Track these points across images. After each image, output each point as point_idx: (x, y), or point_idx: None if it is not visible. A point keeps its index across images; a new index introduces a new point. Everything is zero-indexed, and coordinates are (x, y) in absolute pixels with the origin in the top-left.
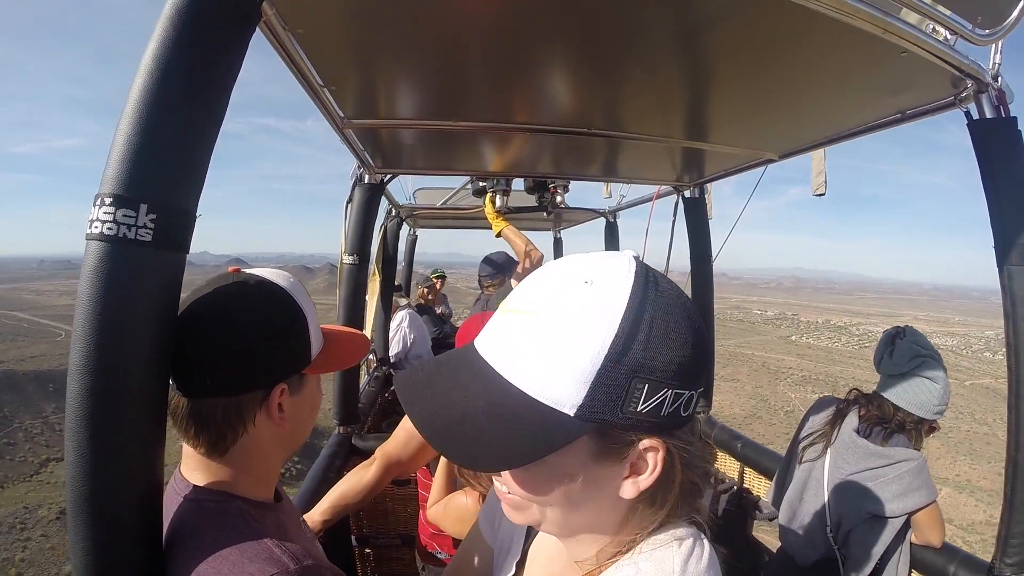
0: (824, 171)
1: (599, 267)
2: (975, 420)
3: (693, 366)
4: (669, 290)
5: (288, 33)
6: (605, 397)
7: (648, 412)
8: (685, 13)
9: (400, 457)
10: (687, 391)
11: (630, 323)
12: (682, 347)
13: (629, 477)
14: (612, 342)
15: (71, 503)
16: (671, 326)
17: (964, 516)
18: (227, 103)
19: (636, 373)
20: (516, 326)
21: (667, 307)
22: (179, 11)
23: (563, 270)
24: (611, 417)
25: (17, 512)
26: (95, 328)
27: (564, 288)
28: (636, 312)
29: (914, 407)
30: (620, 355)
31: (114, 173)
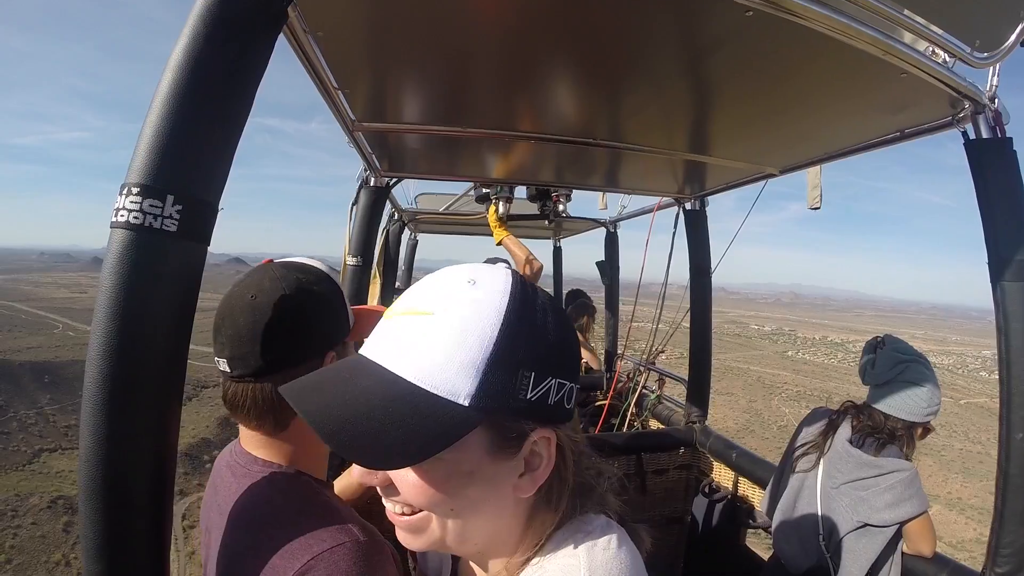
0: (819, 185)
1: (480, 271)
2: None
3: (571, 360)
4: (542, 293)
5: (308, 35)
6: (496, 385)
7: (536, 400)
8: (693, 31)
9: None
10: (568, 383)
11: (515, 315)
12: (562, 339)
13: (525, 474)
14: (499, 332)
15: (84, 486)
16: (550, 322)
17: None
18: (252, 100)
19: (523, 362)
20: (406, 326)
21: (545, 304)
22: (210, 8)
23: (446, 274)
24: (503, 405)
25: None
26: (117, 315)
27: (450, 288)
28: (519, 306)
29: (903, 412)
30: (507, 344)
31: (142, 164)
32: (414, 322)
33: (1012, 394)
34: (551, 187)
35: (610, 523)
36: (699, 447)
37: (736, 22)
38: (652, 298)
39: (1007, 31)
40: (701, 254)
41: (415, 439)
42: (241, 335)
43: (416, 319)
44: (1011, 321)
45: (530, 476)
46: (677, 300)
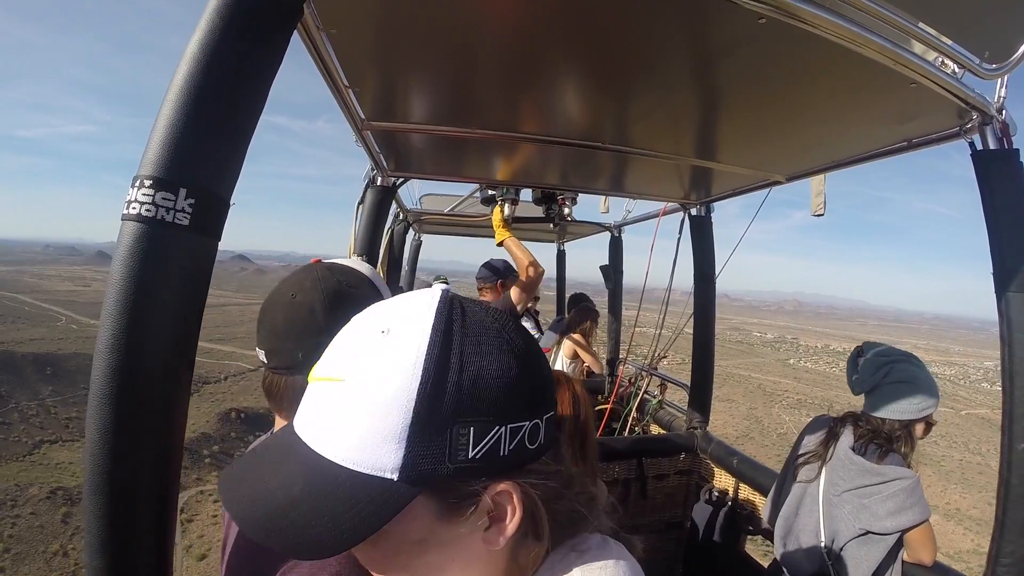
0: (823, 192)
1: (397, 312)
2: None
3: (525, 394)
4: (480, 319)
5: (322, 33)
6: (427, 452)
7: (483, 456)
8: (704, 37)
9: None
10: (526, 422)
11: (435, 367)
12: (504, 377)
13: (492, 527)
14: (419, 392)
15: (89, 480)
16: (486, 359)
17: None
18: (267, 95)
19: (456, 418)
20: (323, 396)
21: (479, 338)
22: (226, 2)
23: (361, 323)
24: (441, 471)
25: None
26: (126, 308)
27: (362, 345)
28: (440, 353)
29: (895, 413)
30: (431, 404)
31: (154, 156)
32: (329, 391)
33: (1015, 404)
34: (557, 190)
35: (606, 541)
36: (700, 453)
37: (748, 29)
38: (655, 303)
39: (1016, 43)
40: (705, 260)
41: (347, 525)
42: (278, 330)
43: (331, 387)
44: (1015, 332)
45: (497, 528)
46: (680, 306)
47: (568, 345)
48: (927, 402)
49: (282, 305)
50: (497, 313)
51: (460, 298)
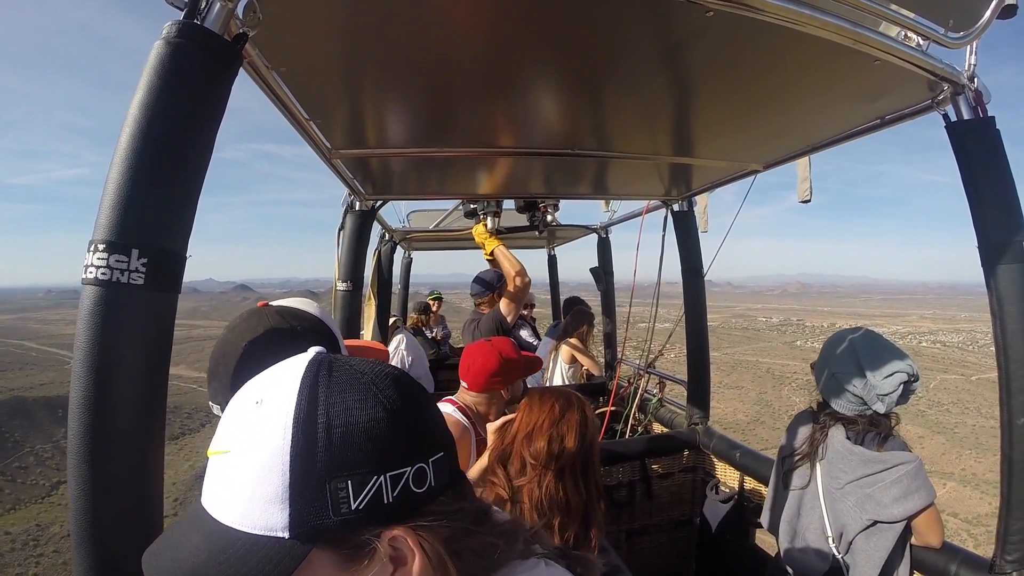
0: (809, 177)
1: (268, 382)
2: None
3: (401, 442)
4: (348, 377)
5: (272, 72)
6: (309, 509)
7: (367, 506)
8: (662, 34)
9: None
10: (407, 467)
11: (302, 429)
12: (375, 430)
13: (396, 572)
14: (291, 454)
15: (75, 535)
16: (354, 415)
17: (969, 510)
18: (213, 144)
19: (332, 474)
20: (217, 468)
21: (344, 397)
22: (162, 59)
23: (240, 396)
24: (328, 524)
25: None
26: (93, 368)
27: (241, 416)
28: (307, 416)
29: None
30: (304, 463)
31: (105, 220)
32: (220, 462)
33: (1011, 379)
34: (540, 198)
35: (538, 564)
36: (703, 448)
37: (698, 23)
38: (649, 300)
39: (981, 8)
40: (692, 255)
41: None
42: (230, 383)
43: (221, 459)
44: (1005, 304)
45: (401, 572)
46: (676, 299)
47: (566, 350)
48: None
49: (236, 356)
50: (370, 368)
51: (331, 358)
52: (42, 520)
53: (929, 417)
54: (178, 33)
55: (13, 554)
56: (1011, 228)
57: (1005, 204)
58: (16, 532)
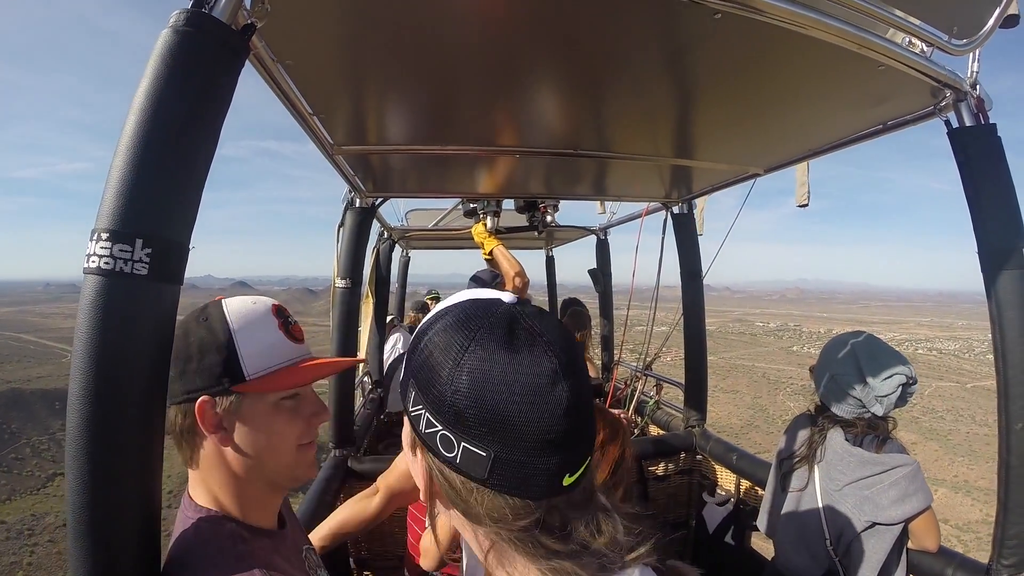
0: (807, 183)
1: (461, 293)
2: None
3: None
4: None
5: (277, 64)
6: (403, 385)
7: (414, 418)
8: (668, 36)
9: (402, 489)
10: (442, 429)
11: (420, 335)
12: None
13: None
14: (412, 342)
15: (71, 529)
16: (436, 354)
17: (960, 516)
18: (218, 136)
19: (410, 377)
20: None
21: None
22: (170, 48)
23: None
24: (404, 402)
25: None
26: (94, 359)
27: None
28: (427, 327)
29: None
30: (410, 355)
31: (109, 209)
32: None
33: (1009, 384)
34: (540, 198)
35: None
36: (699, 451)
37: (706, 25)
38: (647, 302)
39: (984, 16)
40: (691, 257)
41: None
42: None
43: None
44: (1005, 310)
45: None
46: (674, 302)
47: None
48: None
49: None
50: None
51: (487, 303)
52: (37, 511)
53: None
54: (186, 21)
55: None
56: (1011, 235)
57: (1005, 211)
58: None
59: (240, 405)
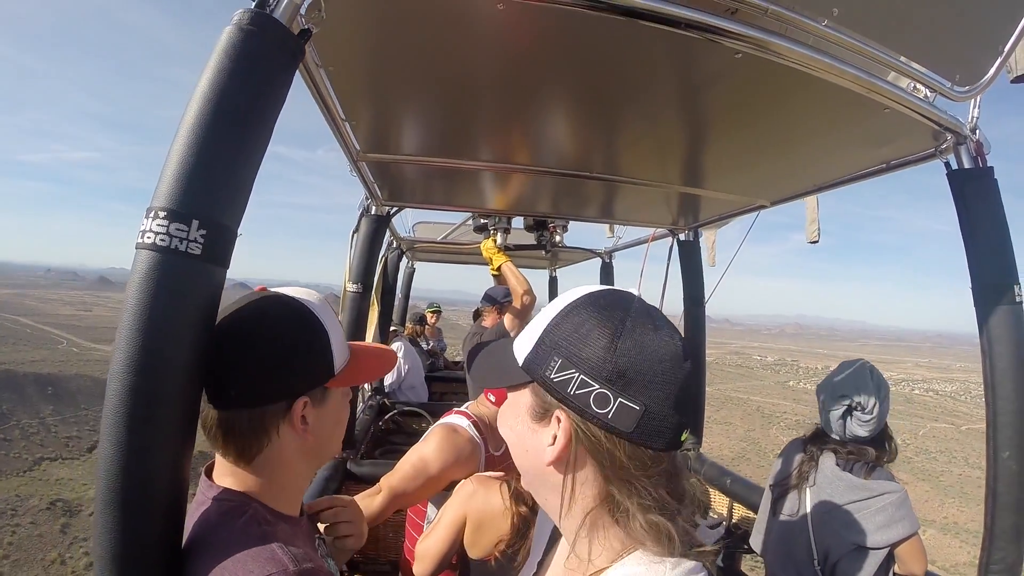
0: (817, 219)
1: (591, 286)
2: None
3: (601, 364)
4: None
5: (320, 70)
6: (537, 358)
7: (558, 383)
8: (688, 70)
9: (405, 490)
10: (600, 388)
11: (566, 312)
12: (595, 346)
13: (551, 445)
14: (552, 319)
15: (101, 496)
16: (591, 328)
17: (947, 558)
18: (272, 130)
19: (555, 349)
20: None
21: (597, 314)
22: (234, 44)
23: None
24: (536, 375)
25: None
26: (141, 331)
27: (562, 294)
28: (572, 308)
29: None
30: (552, 331)
31: (167, 189)
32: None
33: (998, 414)
34: (548, 218)
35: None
36: (693, 473)
37: (726, 63)
38: None
39: (986, 65)
40: (695, 284)
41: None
42: (212, 363)
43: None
44: (995, 344)
45: (550, 449)
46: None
47: None
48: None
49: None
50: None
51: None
52: (22, 492)
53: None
54: (250, 21)
55: None
56: (1003, 272)
57: (999, 250)
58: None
59: (325, 399)
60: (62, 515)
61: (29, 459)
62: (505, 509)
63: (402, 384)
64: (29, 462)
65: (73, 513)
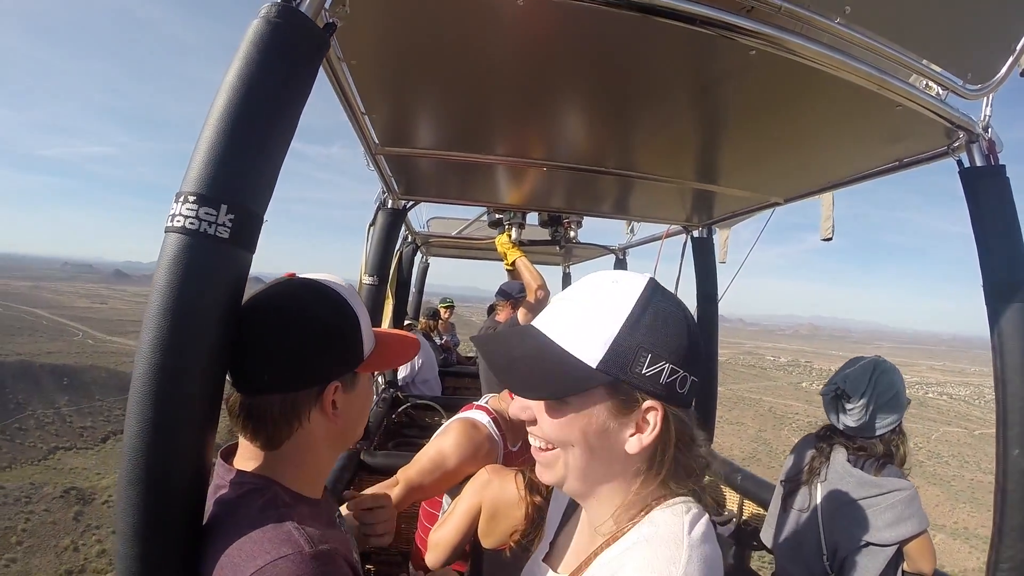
0: (831, 216)
1: (623, 275)
2: (980, 469)
3: (687, 352)
4: (673, 300)
5: (342, 63)
6: (618, 357)
7: (650, 377)
8: (703, 66)
9: (422, 483)
10: (682, 371)
11: (640, 308)
12: (678, 336)
13: (635, 434)
14: (627, 317)
15: (126, 473)
16: (670, 319)
17: (957, 563)
18: (298, 120)
19: (642, 344)
20: (563, 307)
21: (668, 307)
22: (262, 36)
23: (597, 277)
24: (621, 374)
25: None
26: (169, 311)
27: (599, 285)
28: (645, 303)
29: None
30: (632, 328)
31: (197, 174)
32: (569, 304)
33: (1008, 412)
34: (563, 213)
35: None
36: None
37: (741, 60)
38: None
39: (998, 63)
40: (708, 281)
41: (551, 382)
42: (243, 348)
43: (570, 303)
44: (1006, 341)
45: (638, 437)
46: None
47: None
48: (904, 394)
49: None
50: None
51: (662, 286)
52: (36, 480)
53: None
54: (277, 14)
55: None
56: (1015, 269)
57: (1010, 247)
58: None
59: (355, 383)
60: (76, 503)
61: (44, 448)
62: (520, 499)
63: (415, 378)
64: (44, 451)
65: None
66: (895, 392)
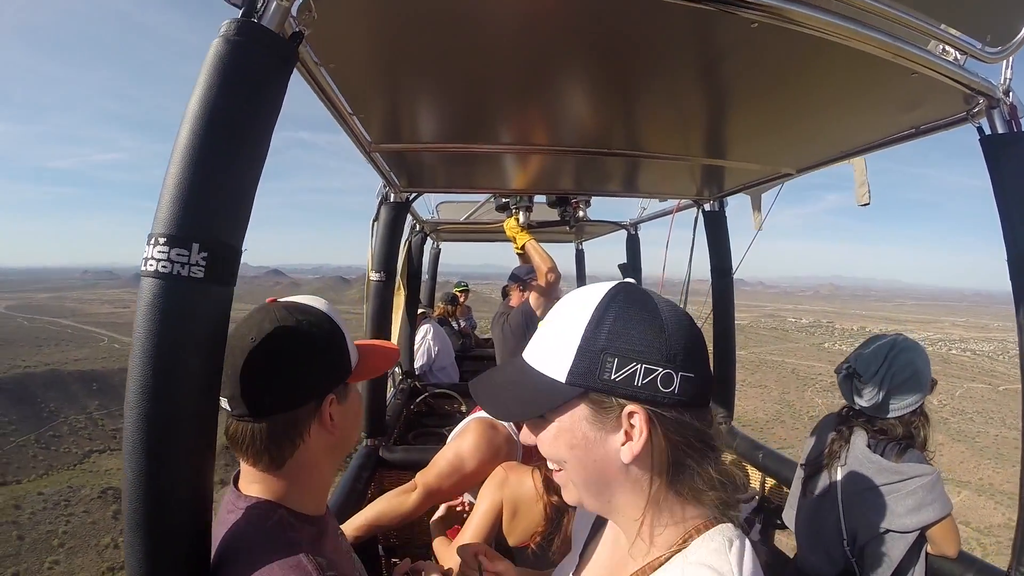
0: (867, 181)
1: (590, 288)
2: (1005, 425)
3: (663, 349)
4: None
5: (320, 68)
6: (584, 367)
7: (621, 381)
8: (704, 42)
9: (440, 487)
10: (661, 368)
11: (598, 315)
12: (644, 334)
13: (626, 443)
14: (586, 327)
15: (128, 520)
16: (632, 320)
17: (982, 519)
18: (269, 140)
19: (605, 349)
20: (540, 331)
21: (630, 309)
22: (221, 56)
23: (570, 295)
24: (591, 383)
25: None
26: (152, 357)
27: (566, 302)
28: (604, 309)
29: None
30: (592, 336)
31: (166, 215)
32: (544, 329)
33: None
34: (570, 195)
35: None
36: (725, 448)
37: (743, 33)
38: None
39: (1018, 24)
40: (721, 254)
41: (527, 403)
42: (239, 376)
43: (545, 326)
44: None
45: (628, 446)
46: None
47: None
48: (928, 374)
49: (241, 350)
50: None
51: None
52: (74, 483)
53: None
54: (237, 31)
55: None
56: None
57: None
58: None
59: (347, 393)
60: (113, 502)
61: (79, 452)
62: (538, 496)
63: (432, 366)
64: (79, 455)
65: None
66: (914, 371)
